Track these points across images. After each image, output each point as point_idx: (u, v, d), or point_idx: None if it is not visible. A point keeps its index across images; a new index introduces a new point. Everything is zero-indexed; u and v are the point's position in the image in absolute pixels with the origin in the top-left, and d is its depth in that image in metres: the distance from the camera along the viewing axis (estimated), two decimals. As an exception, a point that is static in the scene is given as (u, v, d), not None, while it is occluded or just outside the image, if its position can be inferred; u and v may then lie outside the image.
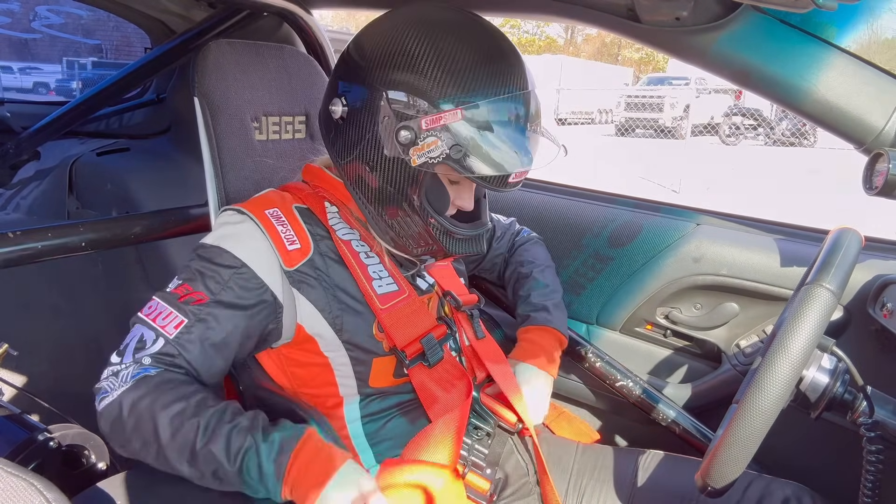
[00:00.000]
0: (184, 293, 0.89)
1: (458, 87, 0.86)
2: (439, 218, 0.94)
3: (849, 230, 0.84)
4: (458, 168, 0.88)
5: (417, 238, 0.97)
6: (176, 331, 0.86)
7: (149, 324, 0.88)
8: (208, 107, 1.12)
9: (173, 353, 0.86)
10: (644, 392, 1.35)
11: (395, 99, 0.89)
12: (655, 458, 1.11)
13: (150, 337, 0.86)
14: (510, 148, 0.89)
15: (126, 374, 0.84)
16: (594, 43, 32.45)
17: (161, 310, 0.88)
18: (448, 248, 0.98)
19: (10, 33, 2.94)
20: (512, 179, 0.91)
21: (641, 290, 1.41)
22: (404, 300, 0.99)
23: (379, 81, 0.89)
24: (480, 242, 1.01)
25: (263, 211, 0.94)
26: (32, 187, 2.10)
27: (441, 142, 0.87)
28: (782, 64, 1.00)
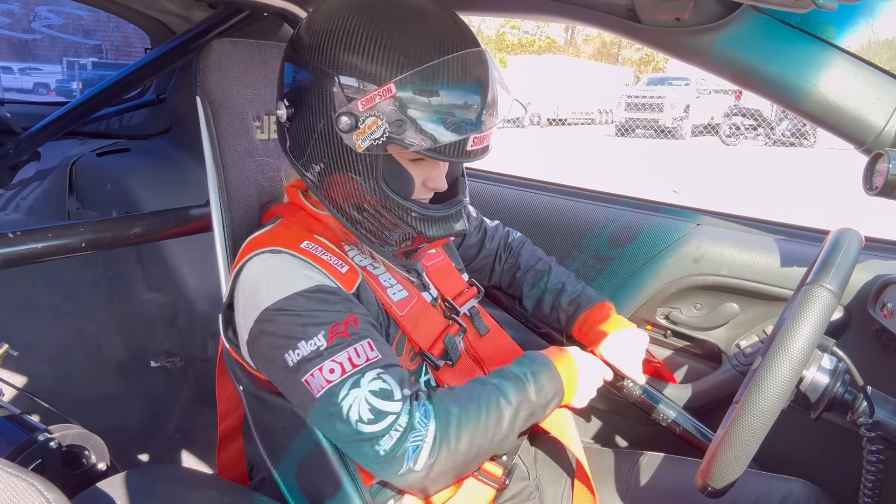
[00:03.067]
0: (341, 330, 0.83)
1: (389, 61, 0.82)
2: (405, 202, 0.89)
3: (849, 230, 0.84)
4: (404, 144, 0.83)
5: (393, 229, 0.91)
6: (375, 351, 0.83)
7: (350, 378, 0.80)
8: (210, 106, 1.12)
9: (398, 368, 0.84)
10: (644, 392, 1.35)
11: (332, 84, 0.85)
12: (655, 459, 1.11)
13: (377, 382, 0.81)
14: (458, 113, 0.83)
15: (419, 420, 0.80)
16: (594, 43, 32.45)
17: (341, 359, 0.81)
18: (426, 233, 0.91)
19: (10, 34, 2.94)
20: (471, 147, 0.85)
21: (641, 290, 1.41)
22: (418, 304, 0.99)
23: (320, 64, 0.85)
24: (458, 220, 0.95)
25: (298, 246, 0.90)
26: (32, 188, 2.10)
27: (381, 121, 0.82)
28: (782, 64, 1.00)
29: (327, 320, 0.83)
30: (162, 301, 1.98)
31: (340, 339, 0.82)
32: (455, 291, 1.10)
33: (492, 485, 0.95)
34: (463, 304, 1.09)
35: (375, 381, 0.80)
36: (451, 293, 1.09)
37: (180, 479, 0.90)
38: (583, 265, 1.48)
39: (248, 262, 0.91)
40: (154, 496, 0.88)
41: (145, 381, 1.96)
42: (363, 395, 0.79)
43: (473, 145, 0.86)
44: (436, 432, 0.80)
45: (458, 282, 1.13)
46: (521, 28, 32.00)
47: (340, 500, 0.90)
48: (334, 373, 0.80)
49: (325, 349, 0.81)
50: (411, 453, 0.78)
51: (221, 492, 0.84)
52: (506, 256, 1.33)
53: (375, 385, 0.80)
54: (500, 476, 0.96)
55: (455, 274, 1.14)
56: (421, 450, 0.79)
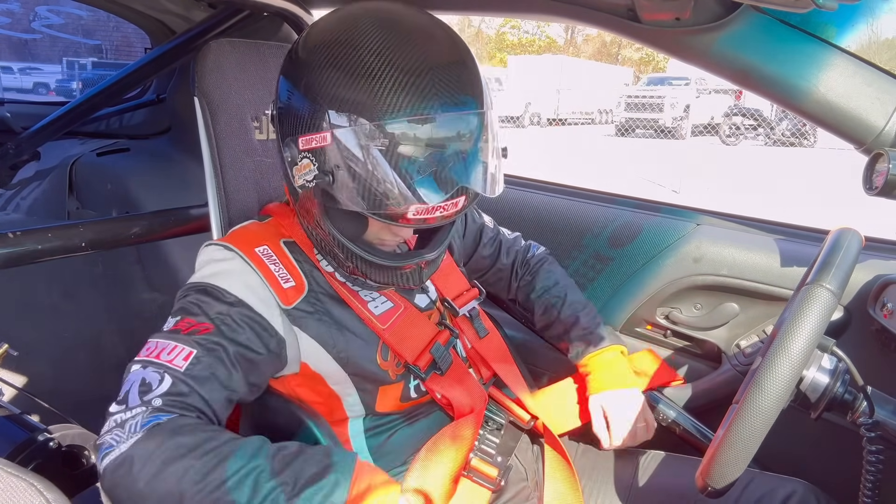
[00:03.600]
0: (186, 326, 0.81)
1: (337, 106, 0.75)
2: (347, 242, 0.85)
3: (849, 230, 0.84)
4: (332, 197, 0.78)
5: (343, 261, 0.88)
6: (185, 363, 0.77)
7: (151, 362, 0.77)
8: (208, 106, 1.12)
9: (185, 390, 0.75)
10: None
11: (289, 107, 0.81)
12: (655, 459, 1.11)
13: (155, 378, 0.76)
14: (398, 183, 0.74)
15: (134, 424, 0.72)
16: (594, 43, 32.46)
17: (163, 346, 0.79)
18: (370, 276, 0.88)
19: (10, 33, 2.94)
20: (413, 216, 0.76)
21: (641, 290, 1.41)
22: (402, 314, 0.96)
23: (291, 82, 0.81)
24: (411, 276, 0.89)
25: (253, 249, 0.89)
26: (32, 187, 2.10)
27: (314, 165, 0.78)
28: (782, 64, 1.00)
29: (188, 312, 0.83)
30: (162, 301, 1.98)
31: (178, 332, 0.81)
32: (455, 292, 1.09)
33: (487, 486, 0.95)
34: (463, 305, 1.08)
35: (154, 375, 0.76)
36: (451, 293, 1.09)
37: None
38: (583, 265, 1.48)
39: (205, 249, 0.93)
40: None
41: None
42: (138, 377, 0.76)
43: (417, 214, 0.77)
44: (134, 444, 0.70)
45: (460, 282, 1.12)
46: (521, 28, 32.03)
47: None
48: (148, 349, 0.80)
49: (165, 331, 0.82)
50: (104, 449, 0.72)
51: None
52: (522, 273, 1.27)
53: (150, 376, 0.76)
54: (496, 477, 0.96)
55: (457, 273, 1.12)
56: (111, 452, 0.71)
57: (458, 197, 0.78)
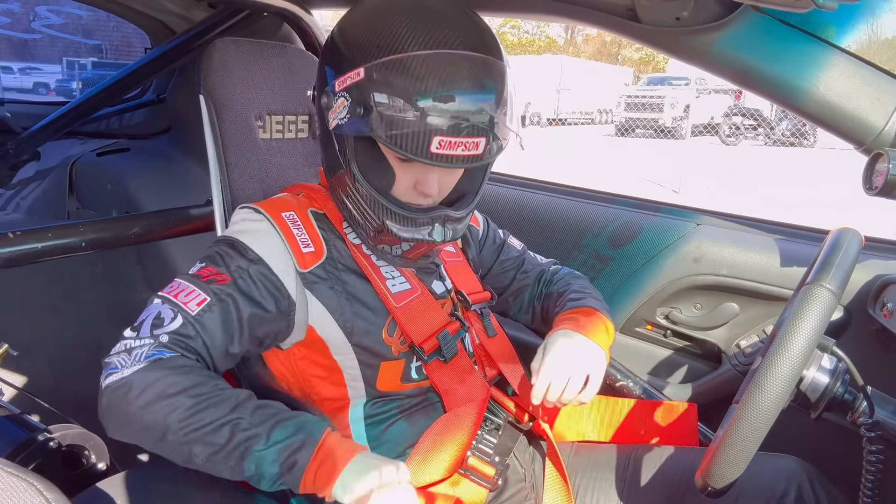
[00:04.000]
0: (207, 274, 0.87)
1: (371, 45, 0.83)
2: (373, 192, 0.89)
3: (849, 230, 0.84)
4: (363, 128, 0.83)
5: (367, 219, 0.92)
6: (198, 308, 0.83)
7: (169, 300, 0.84)
8: (213, 105, 1.12)
9: (191, 333, 0.82)
10: (644, 392, 1.35)
11: (329, 62, 0.89)
12: (653, 456, 1.10)
13: (169, 314, 0.82)
14: (427, 111, 0.80)
15: (140, 353, 0.79)
16: (594, 43, 32.47)
17: (183, 288, 0.85)
18: (392, 230, 0.90)
19: (10, 33, 2.94)
20: (436, 150, 0.81)
21: (641, 290, 1.41)
22: (418, 298, 0.99)
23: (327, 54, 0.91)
24: (432, 228, 0.91)
25: (280, 213, 0.94)
26: (32, 187, 2.10)
27: (347, 101, 0.84)
28: (782, 64, 1.00)
29: (212, 261, 0.89)
30: (162, 301, 1.98)
31: (198, 277, 0.87)
32: (469, 290, 1.11)
33: (484, 485, 0.95)
34: (475, 302, 1.10)
35: (169, 312, 0.83)
36: (465, 290, 1.10)
37: (181, 478, 0.90)
38: (583, 265, 1.48)
39: (239, 211, 0.98)
40: (154, 496, 0.88)
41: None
42: (155, 311, 0.83)
43: (440, 148, 0.81)
44: (133, 373, 0.77)
45: (473, 282, 1.13)
46: (521, 28, 32.02)
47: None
48: (170, 288, 0.86)
49: (189, 274, 0.88)
50: (109, 369, 0.78)
51: (222, 491, 0.84)
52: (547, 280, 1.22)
53: (165, 312, 0.83)
54: (493, 476, 0.96)
55: (471, 275, 1.15)
56: (115, 373, 0.78)
57: (478, 137, 0.82)
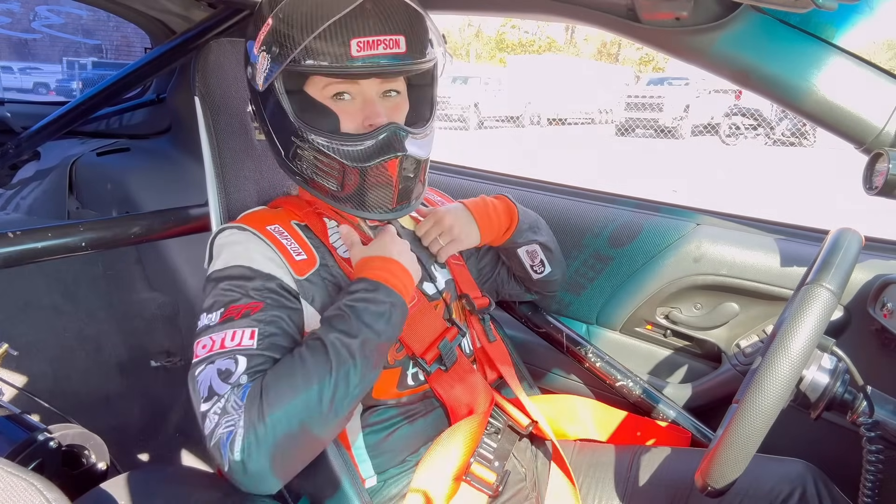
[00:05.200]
0: (237, 312, 0.83)
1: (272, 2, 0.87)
2: (325, 136, 0.88)
3: (849, 230, 0.84)
4: (286, 61, 0.84)
5: (332, 171, 0.90)
6: (253, 340, 0.80)
7: (218, 355, 0.79)
8: (209, 106, 1.12)
9: (261, 362, 0.80)
10: (644, 392, 1.35)
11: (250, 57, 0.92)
12: (654, 455, 1.11)
13: (230, 364, 0.78)
14: (337, 24, 0.82)
15: (234, 403, 0.75)
16: (594, 43, 32.46)
17: (223, 336, 0.81)
18: (361, 163, 0.88)
19: (10, 33, 2.94)
20: (357, 52, 0.84)
21: (641, 290, 1.41)
22: (415, 305, 0.98)
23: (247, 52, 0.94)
24: (396, 143, 0.89)
25: (264, 227, 0.93)
26: (32, 187, 2.10)
27: (266, 52, 0.87)
28: (782, 64, 1.00)
29: (229, 300, 0.85)
30: (162, 301, 1.98)
31: (230, 319, 0.83)
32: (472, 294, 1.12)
33: (485, 491, 0.95)
34: (478, 307, 1.11)
35: (228, 362, 0.79)
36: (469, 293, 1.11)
37: (183, 478, 0.90)
38: (583, 265, 1.48)
39: (219, 234, 0.96)
40: (157, 496, 0.88)
41: (145, 381, 1.96)
42: (212, 372, 0.79)
43: (360, 50, 0.84)
44: (245, 413, 0.73)
45: (474, 288, 1.15)
46: (520, 28, 32.01)
47: (340, 500, 0.90)
48: (206, 347, 0.81)
49: (213, 325, 0.83)
50: (225, 440, 0.73)
51: (224, 492, 0.84)
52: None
53: (223, 365, 0.78)
54: (493, 482, 0.96)
55: (472, 282, 1.16)
56: (235, 435, 0.73)
57: (396, 34, 0.85)
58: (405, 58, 0.87)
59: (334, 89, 0.90)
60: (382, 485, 0.96)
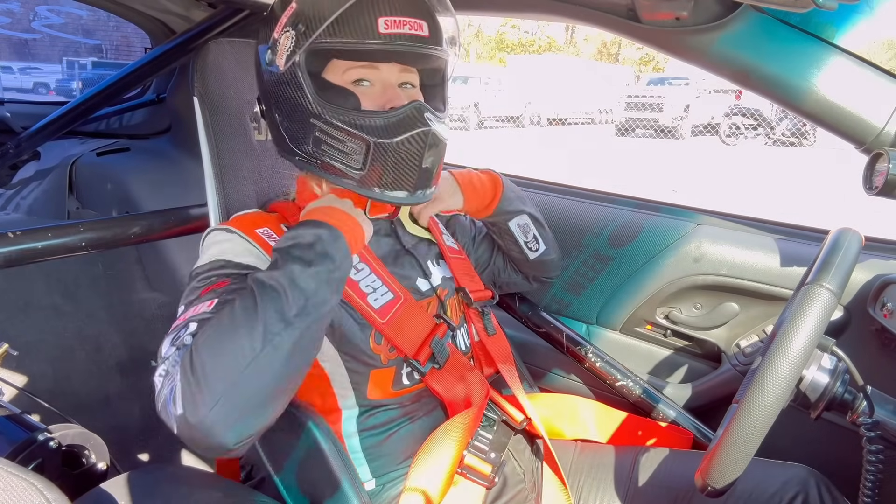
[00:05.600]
0: (203, 294, 0.82)
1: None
2: (349, 113, 0.86)
3: (849, 230, 0.84)
4: (312, 41, 0.84)
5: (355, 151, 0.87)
6: (211, 307, 0.79)
7: (176, 327, 0.80)
8: (207, 107, 1.12)
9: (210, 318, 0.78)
10: (644, 392, 1.35)
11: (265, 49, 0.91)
12: (654, 456, 1.11)
13: (182, 331, 0.78)
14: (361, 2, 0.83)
15: (173, 362, 0.75)
16: (594, 43, 32.46)
17: (183, 314, 0.81)
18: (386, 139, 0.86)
19: (10, 33, 2.94)
20: (384, 29, 0.84)
21: (641, 290, 1.41)
22: (402, 307, 0.97)
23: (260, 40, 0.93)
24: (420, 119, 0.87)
25: (252, 230, 0.93)
26: (32, 187, 2.10)
27: (290, 32, 0.86)
28: (782, 64, 1.00)
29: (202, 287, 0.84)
30: (162, 301, 1.98)
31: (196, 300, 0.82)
32: (471, 287, 1.12)
33: (481, 483, 0.95)
34: (477, 300, 1.11)
35: (181, 331, 0.78)
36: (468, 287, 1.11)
37: (183, 478, 0.90)
38: (583, 265, 1.48)
39: (207, 235, 0.96)
40: (157, 497, 0.88)
41: (145, 381, 1.95)
42: (167, 344, 0.78)
43: (387, 28, 0.84)
44: (181, 367, 0.71)
45: (475, 280, 1.15)
46: (520, 28, 32.00)
47: (339, 500, 0.90)
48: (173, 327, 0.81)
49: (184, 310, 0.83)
50: (168, 398, 0.71)
51: (224, 492, 0.84)
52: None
53: (178, 334, 0.78)
54: (489, 474, 0.96)
55: (474, 275, 1.16)
56: (174, 390, 0.71)
57: (420, 18, 0.87)
58: (427, 42, 0.88)
59: (355, 74, 0.90)
60: (381, 489, 0.96)
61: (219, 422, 0.69)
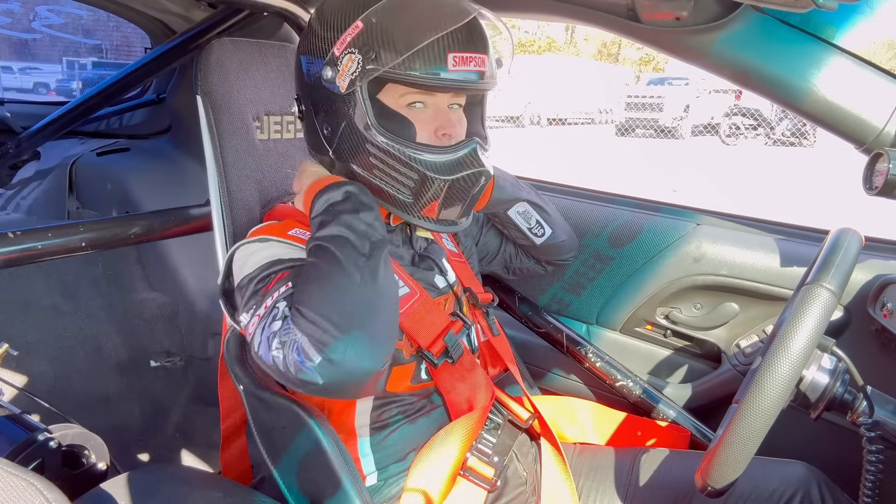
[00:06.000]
0: (268, 284, 0.86)
1: (357, 5, 0.87)
2: (403, 142, 0.89)
3: (849, 230, 0.84)
4: (378, 67, 0.85)
5: (405, 181, 0.91)
6: (289, 288, 0.83)
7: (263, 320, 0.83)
8: (211, 105, 1.12)
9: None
10: (644, 392, 1.35)
11: (320, 55, 0.91)
12: (654, 457, 1.11)
13: (274, 314, 0.82)
14: (433, 34, 0.83)
15: (285, 330, 0.79)
16: (594, 43, 32.46)
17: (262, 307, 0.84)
18: (436, 175, 0.89)
19: (10, 33, 2.95)
20: (453, 67, 0.86)
21: (641, 290, 1.41)
22: (418, 301, 0.99)
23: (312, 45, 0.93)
24: (473, 160, 0.91)
25: (286, 233, 0.94)
26: (32, 187, 2.10)
27: (355, 54, 0.86)
28: (782, 64, 1.00)
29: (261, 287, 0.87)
30: (162, 301, 1.98)
31: (265, 295, 0.85)
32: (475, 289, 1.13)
33: (483, 486, 0.95)
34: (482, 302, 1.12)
35: (273, 314, 0.82)
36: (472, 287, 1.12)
37: (184, 479, 0.90)
38: (583, 265, 1.48)
39: (238, 249, 0.96)
40: (157, 497, 0.88)
41: (145, 381, 1.96)
42: (265, 333, 0.82)
43: (455, 65, 0.86)
44: (296, 326, 0.77)
45: (477, 283, 1.15)
46: (520, 28, 32.00)
47: (340, 499, 0.90)
48: (253, 325, 0.84)
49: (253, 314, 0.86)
50: (299, 358, 0.76)
51: (224, 492, 0.84)
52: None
53: (270, 319, 0.82)
54: (492, 478, 0.96)
55: (474, 277, 1.16)
56: (301, 346, 0.76)
57: (482, 53, 0.89)
58: (486, 76, 0.91)
59: (410, 98, 0.91)
60: (383, 484, 0.96)
61: (359, 348, 0.76)
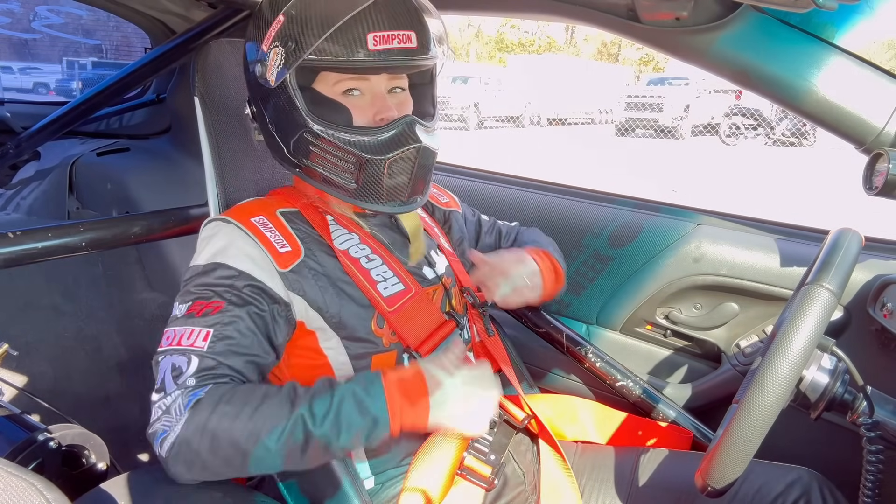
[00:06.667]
0: (199, 309, 0.85)
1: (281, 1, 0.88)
2: (340, 130, 0.89)
3: (849, 230, 0.84)
4: (303, 57, 0.85)
5: (346, 167, 0.91)
6: (206, 343, 0.82)
7: (174, 350, 0.83)
8: (208, 107, 1.12)
9: (212, 364, 0.82)
10: (644, 392, 1.35)
11: (254, 55, 0.93)
12: (655, 457, 1.11)
13: (182, 361, 0.82)
14: (352, 19, 0.84)
15: (178, 406, 0.79)
16: (594, 43, 32.45)
17: (181, 333, 0.84)
18: (378, 155, 0.89)
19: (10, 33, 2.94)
20: (374, 46, 0.86)
21: (641, 290, 1.41)
22: (412, 298, 0.98)
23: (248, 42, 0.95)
24: (411, 136, 0.90)
25: (248, 218, 0.94)
26: (32, 187, 2.10)
27: (279, 48, 0.87)
28: (782, 64, 1.00)
29: (196, 296, 0.87)
30: (162, 301, 1.98)
31: (192, 315, 0.85)
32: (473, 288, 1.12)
33: (480, 484, 0.95)
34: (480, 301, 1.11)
35: (181, 359, 0.82)
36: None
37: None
38: (583, 265, 1.48)
39: (204, 227, 0.97)
40: (157, 497, 0.88)
41: (145, 381, 1.94)
42: (167, 365, 0.83)
43: (376, 44, 0.86)
44: (185, 424, 0.77)
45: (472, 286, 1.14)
46: (520, 28, 31.99)
47: (339, 500, 0.90)
48: (168, 339, 0.85)
49: (179, 317, 0.86)
50: (160, 435, 0.79)
51: (224, 492, 0.84)
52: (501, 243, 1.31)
53: (177, 361, 0.82)
54: (489, 476, 0.96)
55: (467, 276, 1.15)
56: (167, 436, 0.78)
57: (408, 30, 0.88)
58: (416, 53, 0.90)
59: (345, 85, 0.92)
60: (380, 487, 0.96)
61: (191, 477, 0.80)
